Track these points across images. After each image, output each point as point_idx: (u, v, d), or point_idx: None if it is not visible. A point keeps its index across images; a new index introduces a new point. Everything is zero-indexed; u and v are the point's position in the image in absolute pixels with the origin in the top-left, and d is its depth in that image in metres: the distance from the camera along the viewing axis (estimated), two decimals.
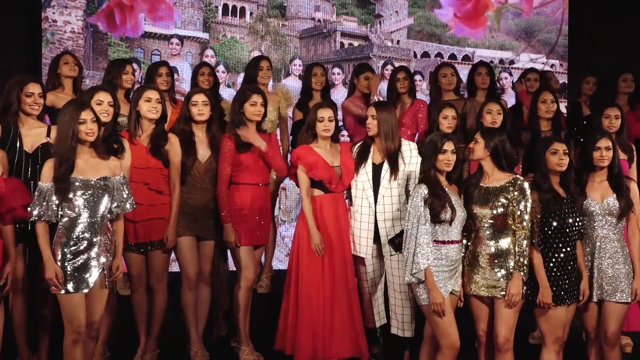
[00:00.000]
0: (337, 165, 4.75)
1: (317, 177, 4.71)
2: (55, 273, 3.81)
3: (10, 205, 3.94)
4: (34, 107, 4.35)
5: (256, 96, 4.76)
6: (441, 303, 3.97)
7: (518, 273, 3.97)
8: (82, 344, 3.94)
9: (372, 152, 4.75)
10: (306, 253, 4.73)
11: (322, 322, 4.69)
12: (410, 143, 4.84)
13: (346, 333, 4.71)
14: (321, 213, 4.73)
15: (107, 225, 3.97)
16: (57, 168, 3.82)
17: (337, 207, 4.79)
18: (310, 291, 4.69)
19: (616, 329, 4.22)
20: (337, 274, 4.72)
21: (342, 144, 4.91)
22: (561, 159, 4.09)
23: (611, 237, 4.22)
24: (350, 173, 4.76)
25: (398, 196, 4.69)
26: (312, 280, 4.70)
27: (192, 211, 4.74)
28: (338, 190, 4.78)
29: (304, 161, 4.70)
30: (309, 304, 4.69)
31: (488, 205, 4.04)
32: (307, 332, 4.68)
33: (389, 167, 4.69)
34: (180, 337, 4.82)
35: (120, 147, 4.38)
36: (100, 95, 4.30)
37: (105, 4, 6.99)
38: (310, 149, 4.74)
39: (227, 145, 4.71)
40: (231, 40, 7.52)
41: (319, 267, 4.71)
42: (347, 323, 4.72)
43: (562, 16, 8.09)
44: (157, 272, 4.65)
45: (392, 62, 7.74)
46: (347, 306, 4.73)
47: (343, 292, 4.73)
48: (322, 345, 4.68)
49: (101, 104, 4.27)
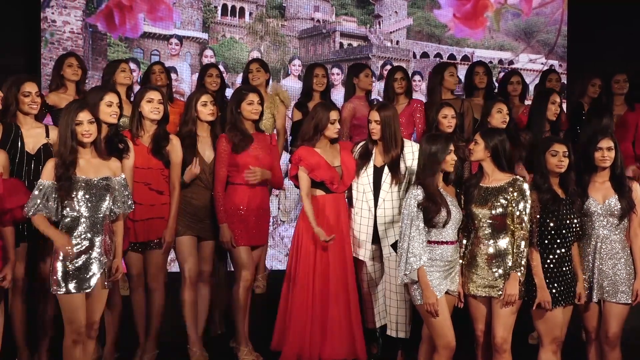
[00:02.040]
0: (338, 165, 4.75)
1: (319, 178, 4.70)
2: (67, 241, 3.80)
3: (9, 207, 3.93)
4: (32, 106, 4.35)
5: (252, 95, 4.76)
6: (434, 303, 3.97)
7: (515, 273, 3.97)
8: (82, 344, 3.93)
9: (374, 155, 4.74)
10: (303, 254, 4.72)
11: (310, 323, 4.67)
12: (413, 144, 4.81)
13: (341, 334, 4.68)
14: (323, 213, 4.72)
15: (109, 226, 3.97)
16: (59, 168, 3.82)
17: (339, 207, 4.79)
18: (302, 292, 4.68)
19: (617, 330, 4.21)
20: (334, 274, 4.70)
21: (342, 143, 4.89)
22: (561, 160, 4.08)
23: (613, 237, 4.22)
24: (351, 173, 4.76)
25: (399, 200, 4.68)
26: (303, 281, 4.69)
27: (195, 211, 4.75)
28: (339, 191, 4.77)
29: (306, 162, 4.68)
30: (299, 305, 4.68)
31: (487, 206, 4.04)
32: (295, 332, 4.66)
33: (390, 171, 4.69)
34: (180, 337, 4.82)
35: (126, 146, 4.40)
36: (111, 97, 4.29)
37: (104, 4, 6.98)
38: (312, 150, 4.73)
39: (222, 146, 4.71)
40: (230, 41, 7.52)
41: (312, 268, 4.69)
42: (343, 324, 4.69)
43: (561, 17, 8.10)
44: (153, 272, 4.64)
45: (391, 62, 7.74)
46: (345, 307, 4.71)
47: (341, 293, 4.70)
48: (309, 346, 4.65)
49: (111, 105, 4.27)
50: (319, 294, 4.69)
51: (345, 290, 4.72)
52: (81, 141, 3.87)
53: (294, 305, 4.70)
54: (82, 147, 3.88)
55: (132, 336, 4.75)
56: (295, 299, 4.70)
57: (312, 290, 4.69)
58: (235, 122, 4.76)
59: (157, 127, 4.59)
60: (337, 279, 4.71)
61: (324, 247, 4.68)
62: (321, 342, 4.69)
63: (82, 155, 3.90)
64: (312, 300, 4.68)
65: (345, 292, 4.72)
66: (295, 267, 4.75)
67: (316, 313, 4.68)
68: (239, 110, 4.76)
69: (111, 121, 4.27)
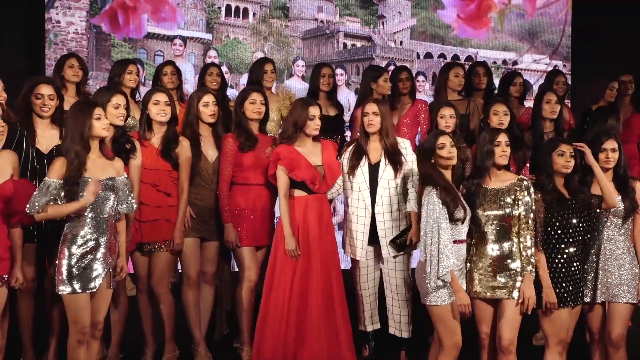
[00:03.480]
0: (320, 164, 4.62)
1: (299, 178, 4.55)
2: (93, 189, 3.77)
3: (17, 209, 3.92)
4: (44, 108, 4.35)
5: (255, 94, 4.73)
6: (469, 304, 3.96)
7: (528, 274, 3.96)
8: (87, 344, 3.93)
9: (368, 152, 4.68)
10: (281, 257, 4.57)
11: (284, 331, 4.51)
12: (404, 140, 4.79)
13: (320, 339, 4.52)
14: (305, 214, 4.58)
15: (113, 226, 3.98)
16: (69, 167, 3.81)
17: (322, 208, 4.65)
18: (277, 298, 4.53)
19: (621, 331, 4.20)
20: (316, 278, 4.55)
21: (323, 142, 4.76)
22: (568, 161, 4.07)
23: (617, 238, 4.21)
24: (334, 172, 4.65)
25: (397, 196, 4.65)
26: (281, 285, 4.54)
27: (200, 212, 4.75)
28: (321, 191, 4.63)
29: (285, 161, 4.54)
30: (274, 312, 4.53)
31: (494, 207, 4.03)
32: (270, 336, 4.52)
33: (390, 163, 4.64)
34: (184, 337, 4.82)
35: (132, 147, 4.40)
36: (118, 99, 4.29)
37: (108, 5, 6.99)
38: (292, 149, 4.59)
39: (229, 145, 4.68)
40: (234, 41, 7.52)
41: (291, 271, 4.54)
42: (326, 329, 4.54)
43: (565, 17, 8.09)
44: (158, 274, 4.62)
45: (394, 63, 7.72)
46: (327, 311, 4.55)
47: (323, 297, 4.55)
48: (282, 352, 4.50)
49: (118, 107, 4.27)
50: (298, 296, 4.53)
51: (328, 293, 4.57)
52: (98, 136, 3.88)
53: (269, 309, 4.55)
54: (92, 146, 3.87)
55: (137, 336, 4.75)
56: (271, 302, 4.55)
57: (290, 293, 4.52)
58: (240, 121, 4.75)
59: (167, 129, 4.58)
60: (318, 282, 4.55)
61: (305, 250, 4.54)
62: (298, 346, 4.52)
63: (89, 155, 3.89)
64: (288, 305, 4.52)
65: (329, 296, 4.57)
66: (273, 269, 4.58)
67: (292, 318, 4.52)
68: (242, 110, 4.75)
69: (118, 123, 4.27)
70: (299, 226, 4.57)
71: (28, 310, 4.43)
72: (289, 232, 4.52)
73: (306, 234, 4.58)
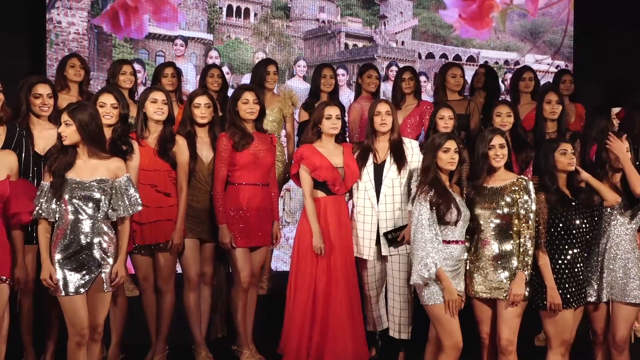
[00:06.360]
0: (341, 166, 4.69)
1: (321, 178, 4.64)
2: (49, 274, 3.79)
3: (14, 210, 3.91)
4: (43, 108, 4.34)
5: (248, 93, 4.72)
6: (456, 299, 3.97)
7: (522, 272, 3.96)
8: (86, 347, 3.91)
9: (374, 152, 4.72)
10: (303, 256, 4.67)
11: (310, 325, 4.61)
12: (411, 140, 4.83)
13: (345, 337, 4.62)
14: (325, 215, 4.67)
15: (105, 228, 3.91)
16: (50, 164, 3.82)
17: (340, 209, 4.73)
18: (303, 293, 4.63)
19: (625, 333, 4.19)
20: (337, 276, 4.64)
21: (345, 145, 4.83)
22: (571, 158, 4.08)
23: (623, 237, 4.20)
24: (353, 175, 4.71)
25: (400, 195, 4.67)
26: (305, 283, 4.64)
27: (196, 213, 4.73)
28: (340, 192, 4.72)
29: (308, 161, 4.63)
30: (300, 306, 4.63)
31: (492, 206, 4.02)
32: (295, 334, 4.62)
33: (395, 162, 4.66)
34: (184, 339, 4.80)
35: (129, 148, 4.37)
36: (103, 98, 4.30)
37: (109, 5, 6.98)
38: (314, 149, 4.68)
39: (223, 144, 4.66)
40: (235, 42, 7.51)
41: (313, 270, 4.63)
42: (347, 327, 4.63)
43: (567, 17, 8.08)
44: (164, 274, 4.62)
45: (396, 63, 7.72)
46: (348, 310, 4.65)
47: (344, 295, 4.65)
48: (307, 349, 4.60)
49: (104, 106, 4.26)
50: (322, 295, 4.63)
51: (348, 293, 4.67)
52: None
53: (295, 307, 4.66)
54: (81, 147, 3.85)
55: (138, 337, 4.74)
56: (296, 300, 4.66)
57: (314, 292, 4.64)
58: (233, 120, 4.73)
59: (163, 129, 4.56)
60: (339, 281, 4.65)
61: (326, 251, 4.63)
62: (323, 344, 4.62)
63: (80, 156, 3.87)
64: (313, 302, 4.63)
65: (347, 294, 4.67)
66: (297, 268, 4.70)
67: (318, 315, 4.62)
68: (236, 109, 4.73)
69: (105, 122, 4.20)
70: (320, 226, 4.63)
71: (28, 310, 4.42)
72: (317, 229, 4.60)
73: (327, 235, 4.64)
